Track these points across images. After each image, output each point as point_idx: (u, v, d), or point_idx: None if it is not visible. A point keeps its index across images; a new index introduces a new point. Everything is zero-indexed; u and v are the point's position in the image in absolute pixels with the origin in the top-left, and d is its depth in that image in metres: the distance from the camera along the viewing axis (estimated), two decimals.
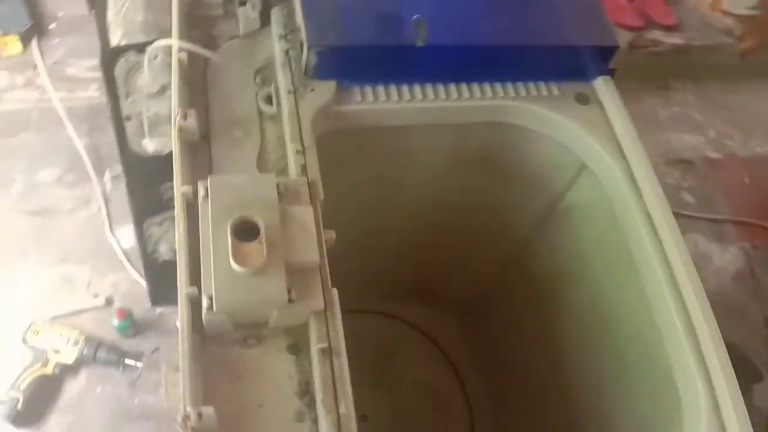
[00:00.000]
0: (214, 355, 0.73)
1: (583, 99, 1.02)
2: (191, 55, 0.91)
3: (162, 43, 0.90)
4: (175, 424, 0.65)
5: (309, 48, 0.88)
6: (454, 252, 1.36)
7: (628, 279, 0.95)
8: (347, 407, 0.69)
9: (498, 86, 1.00)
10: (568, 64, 1.02)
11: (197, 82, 0.92)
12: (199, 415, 0.64)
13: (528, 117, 1.02)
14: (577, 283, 1.13)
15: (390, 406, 1.40)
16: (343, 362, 0.72)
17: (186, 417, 0.64)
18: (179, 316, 0.71)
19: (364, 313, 1.50)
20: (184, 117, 0.82)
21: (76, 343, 1.71)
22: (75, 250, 1.91)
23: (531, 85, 1.01)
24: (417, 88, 0.96)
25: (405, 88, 0.96)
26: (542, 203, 1.20)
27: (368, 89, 0.94)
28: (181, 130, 0.83)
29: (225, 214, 0.73)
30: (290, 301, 0.72)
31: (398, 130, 1.00)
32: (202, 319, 0.71)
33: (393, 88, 0.95)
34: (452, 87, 0.98)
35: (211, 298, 0.70)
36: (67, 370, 1.70)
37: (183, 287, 0.72)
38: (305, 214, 0.78)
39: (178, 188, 0.78)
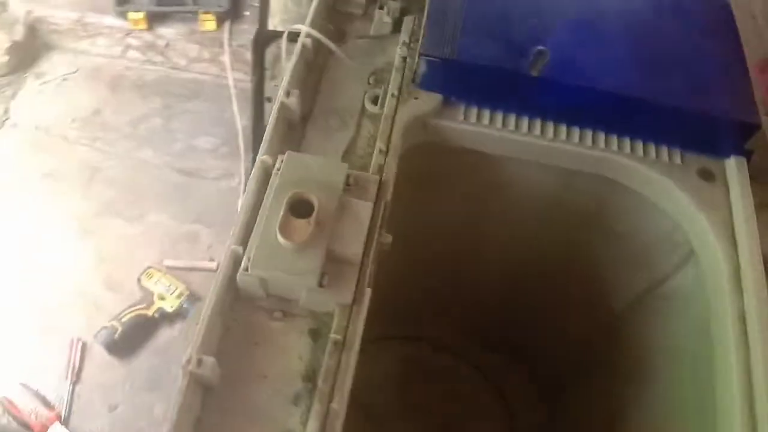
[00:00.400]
0: (240, 317, 0.75)
1: (707, 175, 0.92)
2: (318, 44, 0.96)
3: (294, 27, 0.96)
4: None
5: (420, 56, 0.89)
6: (538, 309, 1.29)
7: (703, 393, 0.84)
8: (339, 403, 0.68)
9: (614, 138, 0.93)
10: (701, 133, 0.92)
11: (316, 69, 0.97)
12: (200, 362, 0.67)
13: (641, 180, 0.94)
14: (653, 377, 1.01)
15: None
16: (351, 359, 0.71)
17: (188, 360, 0.67)
18: (220, 268, 0.74)
19: (433, 345, 1.46)
20: (287, 95, 0.87)
21: (180, 295, 1.86)
22: (207, 214, 2.08)
23: (651, 147, 0.93)
24: (525, 121, 0.93)
25: (512, 118, 0.93)
26: (641, 282, 1.09)
27: (473, 110, 0.93)
28: (282, 106, 0.87)
29: (288, 188, 0.76)
30: (320, 285, 0.73)
31: (497, 160, 0.97)
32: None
33: (499, 115, 0.93)
34: (563, 128, 0.93)
35: (249, 259, 0.72)
36: (166, 317, 1.85)
37: (232, 243, 0.75)
38: (364, 209, 0.78)
39: (260, 156, 0.82)
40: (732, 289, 0.83)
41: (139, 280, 1.90)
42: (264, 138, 0.84)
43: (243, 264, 0.73)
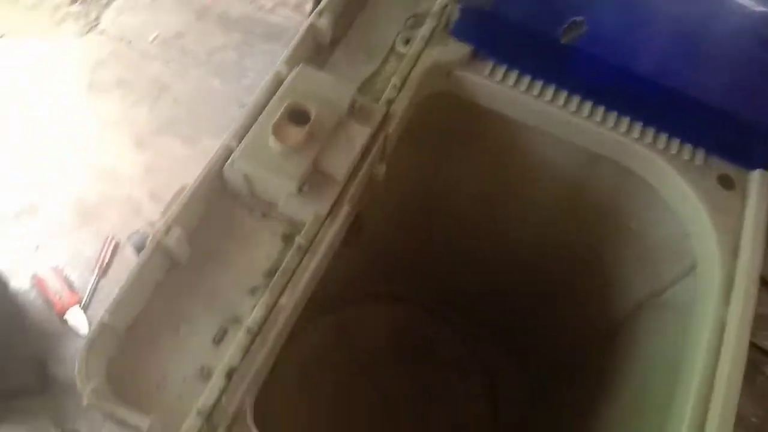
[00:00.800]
0: (221, 208, 0.78)
1: (727, 182, 0.88)
2: None
3: None
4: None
5: (456, 2, 0.88)
6: (539, 296, 1.26)
7: (664, 399, 0.81)
8: (288, 299, 0.70)
9: (637, 126, 0.90)
10: (734, 138, 0.88)
11: (357, 4, 0.98)
12: (168, 229, 0.70)
13: (657, 173, 0.91)
14: (629, 384, 0.98)
15: (414, 408, 1.35)
16: (311, 263, 0.73)
17: (159, 226, 0.71)
18: (210, 158, 0.78)
19: (425, 310, 1.45)
20: (320, 15, 0.89)
21: None
22: None
23: (675, 142, 0.90)
24: (550, 89, 0.91)
25: (538, 84, 0.91)
26: (644, 287, 1.06)
27: (501, 69, 0.92)
28: (311, 26, 0.89)
29: (291, 96, 0.78)
30: (299, 191, 0.75)
31: (518, 127, 0.96)
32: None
33: (526, 79, 0.91)
34: (588, 104, 0.91)
35: (237, 152, 0.75)
36: None
37: (228, 138, 0.78)
38: (360, 133, 0.79)
39: (277, 65, 0.85)
40: (720, 298, 0.79)
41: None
42: (285, 51, 0.87)
43: (231, 157, 0.76)
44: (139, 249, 1.87)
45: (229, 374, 0.65)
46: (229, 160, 0.76)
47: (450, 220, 1.23)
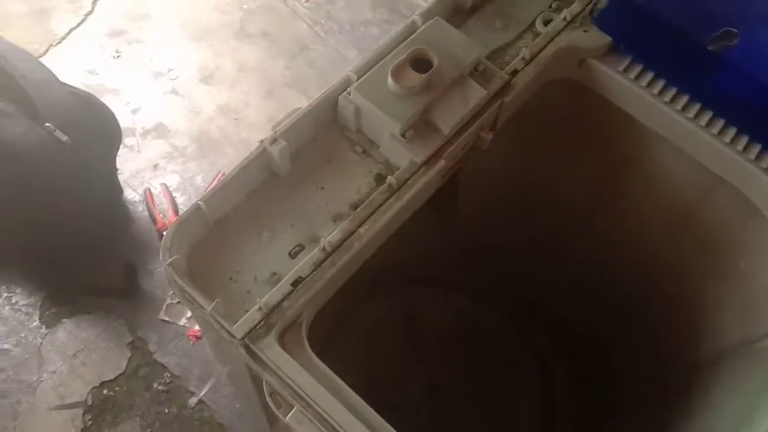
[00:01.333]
0: (328, 135, 0.81)
1: None
2: None
3: None
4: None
5: None
6: (618, 322, 1.20)
7: None
8: (366, 232, 0.71)
9: (756, 146, 0.84)
10: None
11: None
12: (274, 140, 0.74)
13: None
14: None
15: (463, 393, 1.33)
16: (395, 206, 0.73)
17: (269, 136, 0.74)
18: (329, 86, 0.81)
19: (495, 309, 1.42)
20: None
21: None
22: None
23: None
24: (684, 98, 0.87)
25: (672, 89, 0.87)
26: (738, 333, 0.98)
27: (637, 67, 0.88)
28: None
29: (419, 43, 0.79)
30: (402, 135, 0.76)
31: (640, 129, 0.92)
32: None
33: (661, 82, 0.87)
34: (720, 121, 0.85)
35: (357, 84, 0.77)
36: None
37: (351, 70, 0.81)
38: (476, 93, 0.79)
39: (413, 16, 0.86)
40: None
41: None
42: (425, 4, 0.88)
43: (349, 88, 0.78)
44: None
45: (296, 283, 0.67)
46: (345, 91, 0.78)
47: (544, 218, 1.19)
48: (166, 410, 1.72)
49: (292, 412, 0.61)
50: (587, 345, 1.34)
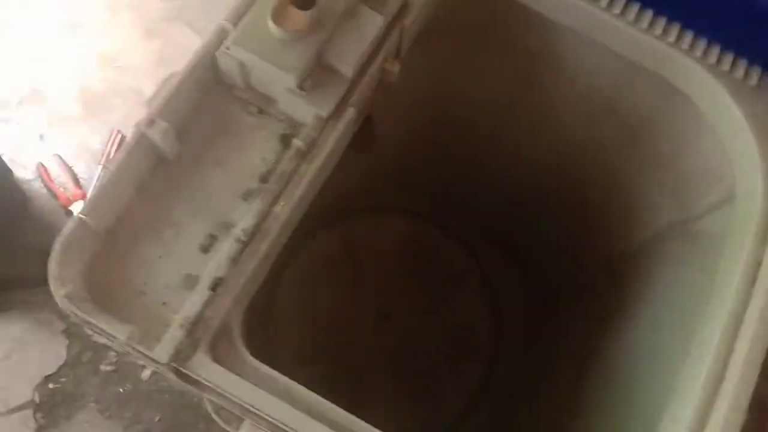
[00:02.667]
0: (213, 101, 0.70)
1: None
2: None
3: None
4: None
5: None
6: (553, 218, 1.19)
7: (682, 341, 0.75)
8: (282, 210, 0.64)
9: (688, 35, 0.79)
10: None
11: None
12: (152, 121, 0.63)
13: (705, 91, 0.81)
14: (640, 317, 0.93)
15: (417, 323, 1.33)
16: (310, 172, 0.66)
17: (144, 118, 0.63)
18: (203, 41, 0.69)
19: (432, 222, 1.40)
20: None
21: None
22: None
23: (727, 55, 0.79)
24: None
25: None
26: (668, 215, 0.98)
27: None
28: None
29: None
30: (300, 88, 0.67)
31: (548, 25, 0.85)
32: None
33: None
34: (634, 6, 0.80)
35: (232, 37, 0.66)
36: None
37: (224, 18, 0.69)
38: (373, 22, 0.70)
39: None
40: (758, 235, 0.72)
41: None
42: None
43: (226, 42, 0.67)
44: None
45: (215, 285, 0.60)
46: (222, 45, 0.67)
47: (465, 130, 1.14)
48: (121, 389, 1.65)
49: (243, 426, 0.56)
50: (526, 244, 1.34)
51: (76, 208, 1.74)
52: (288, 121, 0.70)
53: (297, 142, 0.66)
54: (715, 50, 0.80)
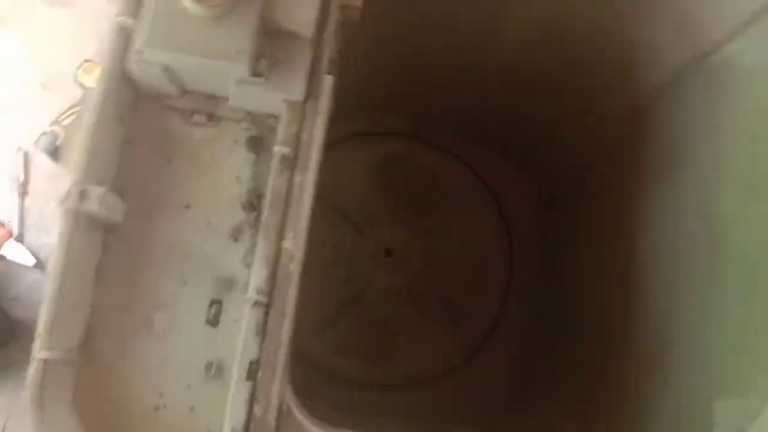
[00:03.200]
0: (144, 123, 0.52)
1: None
2: None
3: None
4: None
5: None
6: (549, 96, 1.05)
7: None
8: (295, 241, 0.48)
9: None
10: None
11: None
12: (82, 194, 0.45)
13: None
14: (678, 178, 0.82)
15: (423, 250, 1.20)
16: (307, 179, 0.49)
17: (66, 195, 0.45)
18: (104, 50, 0.50)
19: (428, 144, 1.24)
20: None
21: None
22: None
23: None
24: None
25: None
26: (686, 50, 0.84)
27: None
28: None
29: None
30: (256, 74, 0.49)
31: None
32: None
33: None
34: None
35: (143, 37, 0.47)
36: None
37: (117, 13, 0.49)
38: None
39: None
40: None
41: (75, 76, 1.61)
42: None
43: (137, 43, 0.48)
44: (50, 153, 1.56)
45: (252, 372, 0.45)
46: (132, 51, 0.48)
47: (438, 35, 0.96)
48: None
49: None
50: (522, 143, 1.20)
51: (8, 249, 1.52)
52: (250, 120, 0.53)
53: (279, 149, 0.49)
54: None
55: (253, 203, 0.50)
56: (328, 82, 0.50)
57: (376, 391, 1.17)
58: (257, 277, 0.46)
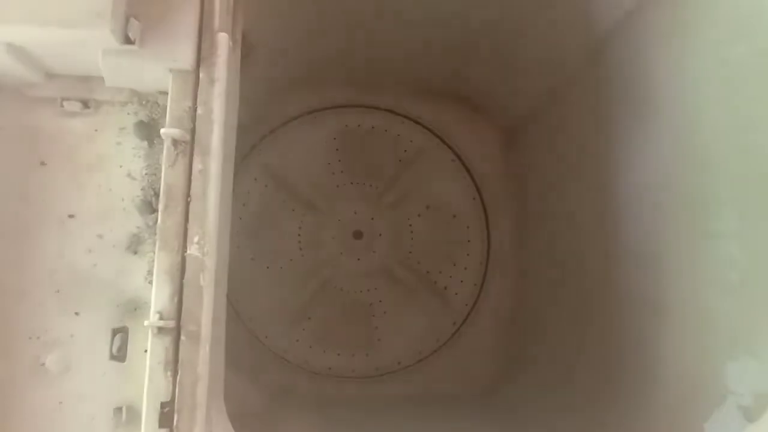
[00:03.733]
0: (3, 121, 0.42)
1: None
2: None
3: None
4: None
5: None
6: (507, 40, 0.95)
7: None
8: (203, 247, 0.38)
9: None
10: None
11: None
12: None
13: None
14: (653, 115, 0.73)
15: (393, 224, 1.10)
16: (212, 168, 0.39)
17: None
18: None
19: (375, 110, 1.14)
20: None
21: None
22: None
23: None
24: None
25: None
26: None
27: None
28: None
29: None
30: (127, 40, 0.38)
31: None
32: None
33: None
34: None
35: None
36: None
37: None
38: None
39: None
40: None
41: None
42: None
43: None
44: None
45: (165, 419, 0.36)
46: None
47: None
48: None
49: None
50: (472, 87, 1.10)
51: None
52: (137, 101, 0.43)
53: (168, 131, 0.39)
54: None
55: (152, 203, 0.41)
56: (222, 41, 0.40)
57: (363, 381, 1.08)
58: (158, 297, 0.36)
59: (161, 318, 0.36)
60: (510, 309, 1.10)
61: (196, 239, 0.37)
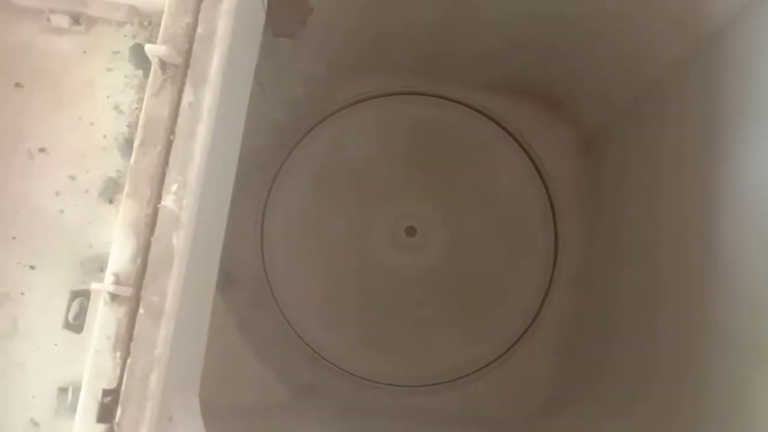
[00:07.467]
0: None
1: None
2: None
3: None
4: None
5: None
6: (593, 34, 0.83)
7: None
8: (181, 198, 0.30)
9: None
10: None
11: None
12: None
13: None
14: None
15: (450, 224, 1.00)
16: (205, 103, 0.31)
17: None
18: None
19: (445, 101, 1.04)
20: None
21: None
22: None
23: None
24: None
25: None
26: None
27: None
28: None
29: None
30: None
31: None
32: None
33: None
34: None
35: None
36: None
37: None
38: None
39: None
40: None
41: None
42: None
43: None
44: None
45: (106, 410, 0.28)
46: None
47: None
48: None
49: None
50: (550, 76, 0.98)
51: None
52: (138, 21, 0.35)
53: (156, 50, 0.31)
54: None
55: (126, 156, 0.33)
56: None
57: (398, 391, 0.98)
58: (117, 256, 0.29)
59: (117, 282, 0.28)
60: (572, 330, 0.98)
61: (174, 188, 0.29)
